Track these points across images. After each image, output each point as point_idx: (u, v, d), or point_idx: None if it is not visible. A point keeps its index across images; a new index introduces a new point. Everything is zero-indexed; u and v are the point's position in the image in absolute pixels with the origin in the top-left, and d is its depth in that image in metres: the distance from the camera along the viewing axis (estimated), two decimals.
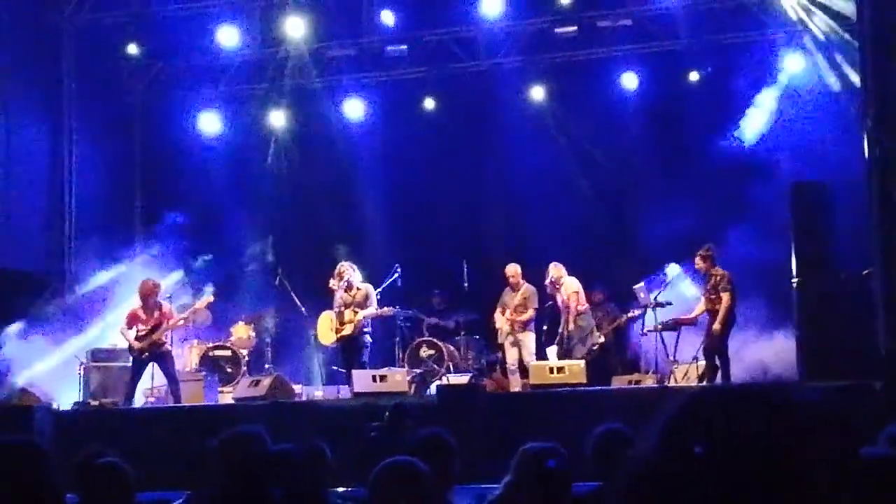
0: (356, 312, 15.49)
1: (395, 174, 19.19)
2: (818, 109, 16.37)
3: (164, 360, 15.09)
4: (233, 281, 18.66)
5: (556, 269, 15.93)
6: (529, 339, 15.93)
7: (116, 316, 16.52)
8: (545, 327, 16.25)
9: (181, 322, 15.55)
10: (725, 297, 14.03)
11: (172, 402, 14.85)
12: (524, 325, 15.91)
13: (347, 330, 15.48)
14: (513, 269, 16.07)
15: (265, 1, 18.99)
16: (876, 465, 2.74)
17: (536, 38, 18.76)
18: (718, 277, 14.15)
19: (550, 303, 16.18)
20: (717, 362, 13.97)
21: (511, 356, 15.89)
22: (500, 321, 15.98)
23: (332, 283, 15.89)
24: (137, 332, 14.98)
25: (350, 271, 15.72)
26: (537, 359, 15.56)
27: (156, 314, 15.09)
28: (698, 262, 14.42)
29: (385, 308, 16.14)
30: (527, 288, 15.99)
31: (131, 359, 15.19)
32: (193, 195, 18.98)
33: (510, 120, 18.88)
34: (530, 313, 15.90)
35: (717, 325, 13.97)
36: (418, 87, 19.46)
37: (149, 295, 15.14)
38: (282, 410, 13.41)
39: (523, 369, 15.49)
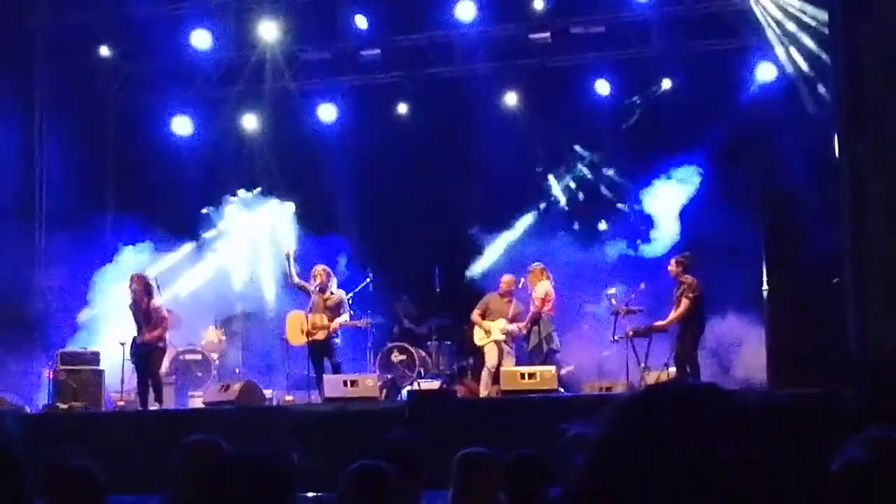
0: (328, 318, 15.41)
1: (368, 179, 19.15)
2: (790, 117, 16.42)
3: (158, 358, 15.04)
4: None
5: (532, 272, 15.81)
6: (513, 349, 15.96)
7: (86, 317, 16.38)
8: None
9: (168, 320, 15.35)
10: (685, 303, 14.19)
11: (153, 400, 14.71)
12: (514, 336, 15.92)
13: (319, 335, 15.40)
14: (511, 279, 16.00)
15: (238, 4, 18.92)
16: (848, 469, 2.75)
17: (510, 43, 18.76)
18: (685, 286, 14.25)
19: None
20: (688, 370, 14.04)
21: (493, 360, 15.77)
22: (493, 326, 15.79)
23: (304, 281, 15.80)
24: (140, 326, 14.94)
25: (324, 275, 15.65)
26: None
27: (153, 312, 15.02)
28: (671, 267, 14.54)
29: (361, 319, 16.10)
30: (518, 302, 15.93)
31: (133, 365, 15.09)
32: (166, 198, 18.91)
33: (483, 125, 18.85)
34: (523, 325, 15.85)
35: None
36: (392, 92, 19.45)
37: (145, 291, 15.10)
38: (251, 415, 13.37)
39: (496, 375, 15.43)
